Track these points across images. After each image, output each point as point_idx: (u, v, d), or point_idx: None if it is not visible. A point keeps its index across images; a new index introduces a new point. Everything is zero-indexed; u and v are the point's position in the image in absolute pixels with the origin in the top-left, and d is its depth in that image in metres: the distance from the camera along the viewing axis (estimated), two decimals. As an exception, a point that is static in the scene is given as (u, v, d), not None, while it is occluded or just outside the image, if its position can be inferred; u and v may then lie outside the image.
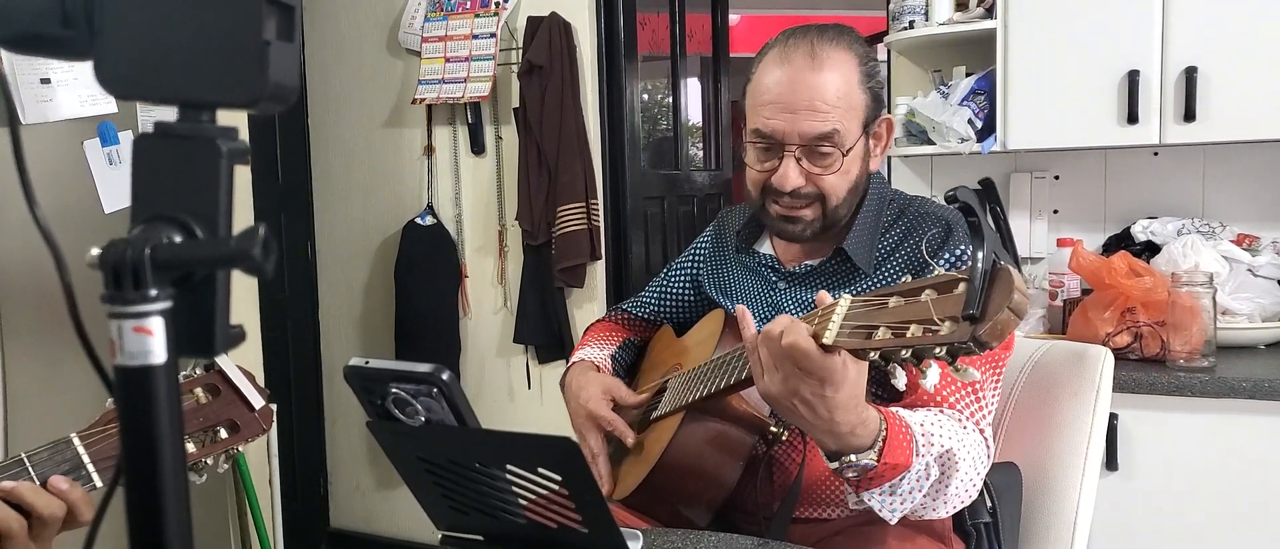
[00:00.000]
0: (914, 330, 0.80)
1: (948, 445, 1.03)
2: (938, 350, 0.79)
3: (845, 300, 0.90)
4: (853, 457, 0.96)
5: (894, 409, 1.04)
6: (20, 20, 0.49)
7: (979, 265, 0.76)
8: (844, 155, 1.18)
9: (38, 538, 0.84)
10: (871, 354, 0.84)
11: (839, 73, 1.17)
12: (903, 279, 0.88)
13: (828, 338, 0.89)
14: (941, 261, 1.18)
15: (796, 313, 1.24)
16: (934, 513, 1.07)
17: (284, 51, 0.46)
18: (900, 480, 1.00)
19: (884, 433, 0.97)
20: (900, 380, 0.87)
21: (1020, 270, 0.81)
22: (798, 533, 1.18)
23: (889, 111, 1.28)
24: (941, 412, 1.10)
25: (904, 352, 0.81)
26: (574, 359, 1.46)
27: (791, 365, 0.91)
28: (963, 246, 1.18)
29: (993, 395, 1.16)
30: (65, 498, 0.85)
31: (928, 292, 0.82)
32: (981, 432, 1.12)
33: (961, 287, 0.79)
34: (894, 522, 1.03)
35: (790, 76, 1.17)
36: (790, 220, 1.22)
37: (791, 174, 1.18)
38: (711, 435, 1.17)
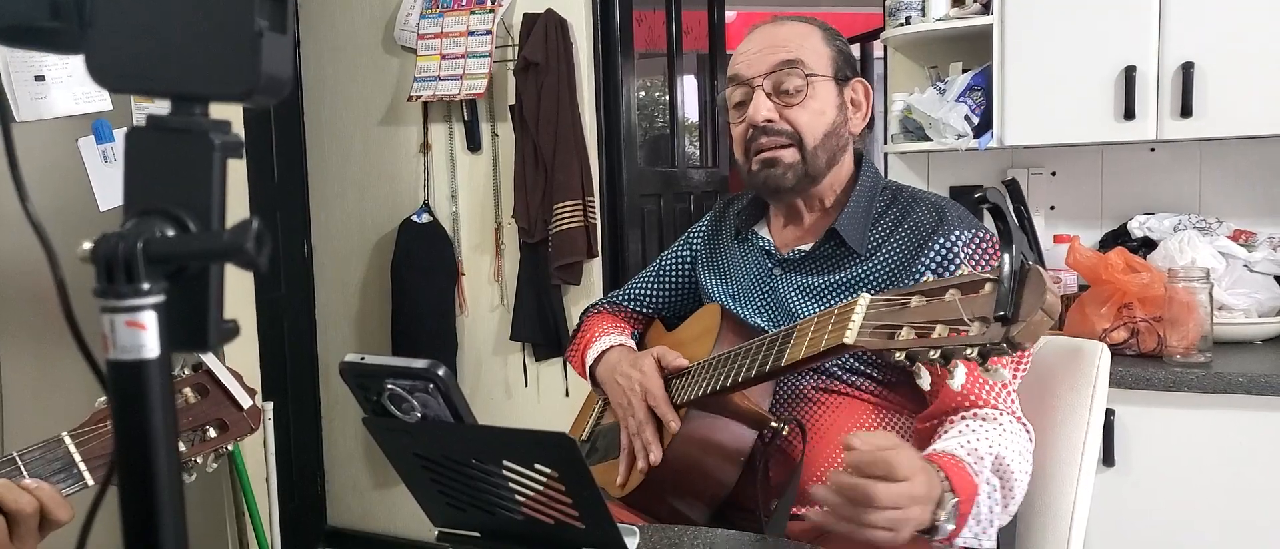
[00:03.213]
0: (940, 331, 0.80)
1: (994, 452, 1.04)
2: (969, 351, 0.79)
3: (864, 299, 0.90)
4: (939, 521, 0.95)
5: (936, 448, 1.04)
6: (9, 12, 0.48)
7: (1007, 266, 0.76)
8: (807, 80, 1.21)
9: (16, 536, 0.83)
10: (897, 354, 0.84)
11: (799, 28, 1.27)
12: (925, 276, 0.87)
13: (849, 337, 0.88)
14: (935, 246, 1.18)
15: (794, 298, 1.25)
16: (1009, 515, 1.07)
17: (277, 43, 0.46)
18: (977, 509, 1.00)
19: (947, 482, 0.96)
20: (924, 380, 0.86)
21: (1046, 270, 0.81)
22: (795, 529, 1.18)
23: (867, 85, 1.32)
24: (973, 416, 1.10)
25: (932, 352, 0.81)
26: (606, 344, 1.39)
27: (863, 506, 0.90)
28: (956, 231, 1.19)
29: (1016, 382, 1.19)
30: (35, 494, 0.84)
31: (952, 292, 0.81)
32: (1018, 419, 1.14)
33: (989, 287, 0.79)
34: (992, 545, 1.03)
35: (755, 36, 1.28)
36: (771, 163, 1.24)
37: (761, 105, 1.22)
38: (714, 431, 1.16)
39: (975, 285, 0.80)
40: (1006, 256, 0.76)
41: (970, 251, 1.18)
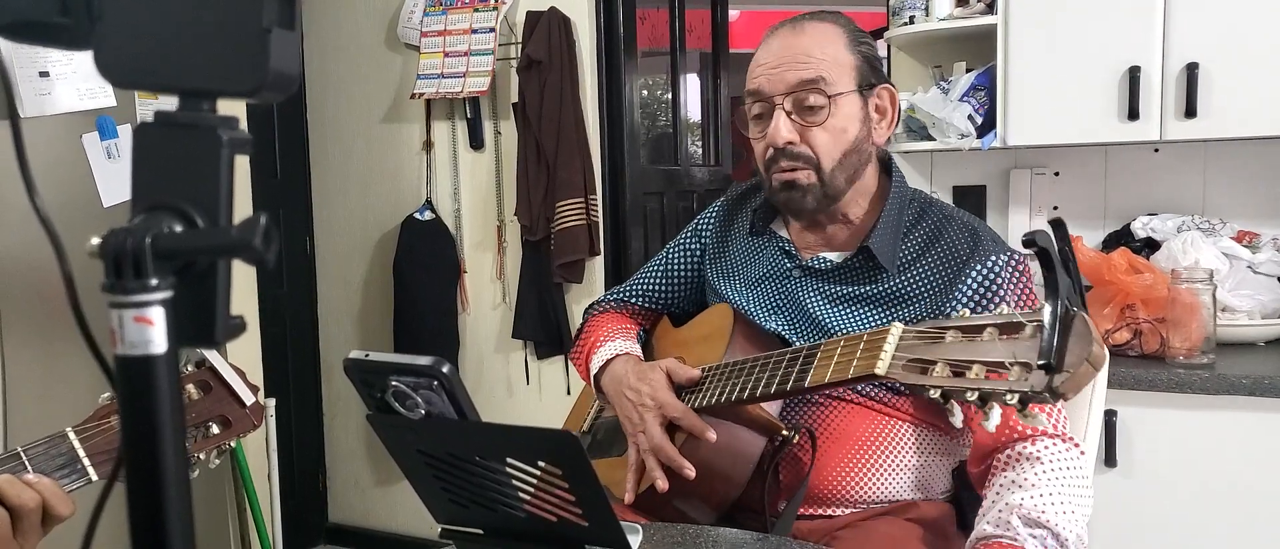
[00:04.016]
0: (976, 371, 0.78)
1: (1028, 511, 1.02)
2: (1008, 396, 0.77)
3: (897, 329, 0.88)
4: None
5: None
6: (17, 7, 0.48)
7: (1051, 313, 0.73)
8: (830, 100, 1.17)
9: (19, 531, 0.83)
10: (932, 391, 0.82)
11: (821, 35, 1.20)
12: (962, 305, 0.85)
13: (880, 368, 0.86)
14: (974, 272, 1.16)
15: (815, 303, 1.23)
16: (1081, 533, 1.05)
17: (284, 39, 0.46)
18: None
19: None
20: (957, 418, 0.83)
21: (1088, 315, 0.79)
22: (801, 528, 1.17)
23: (893, 90, 1.27)
24: (1016, 463, 1.09)
25: (969, 393, 0.79)
26: (611, 352, 1.34)
27: None
28: (993, 257, 1.17)
29: None
30: (37, 489, 0.84)
31: (989, 330, 0.79)
32: (1064, 437, 1.10)
33: (1030, 329, 0.76)
34: None
35: (776, 43, 1.22)
36: (789, 185, 1.21)
37: (782, 127, 1.18)
38: (725, 439, 1.15)
39: (1014, 327, 0.78)
40: (1051, 304, 0.74)
41: (1009, 275, 1.16)
